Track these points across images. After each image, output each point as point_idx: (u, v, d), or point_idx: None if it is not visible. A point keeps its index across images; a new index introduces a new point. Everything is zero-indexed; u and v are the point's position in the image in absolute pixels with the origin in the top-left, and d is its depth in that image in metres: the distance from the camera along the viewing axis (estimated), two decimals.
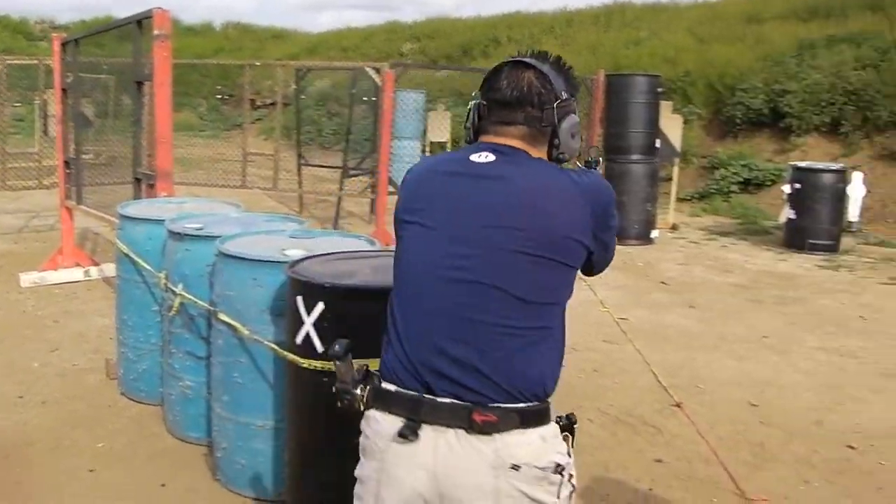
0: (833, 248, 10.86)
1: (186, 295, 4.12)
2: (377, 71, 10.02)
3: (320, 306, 3.10)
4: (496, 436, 1.92)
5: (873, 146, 14.97)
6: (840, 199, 10.96)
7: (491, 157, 2.06)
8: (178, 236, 4.22)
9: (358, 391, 2.04)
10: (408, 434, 1.94)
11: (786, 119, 15.98)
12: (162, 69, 5.44)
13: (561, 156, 2.13)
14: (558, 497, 1.96)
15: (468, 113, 2.21)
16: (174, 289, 4.20)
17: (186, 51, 28.70)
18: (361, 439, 2.08)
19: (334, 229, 10.97)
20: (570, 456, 2.03)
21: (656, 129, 11.34)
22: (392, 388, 2.01)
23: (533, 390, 1.98)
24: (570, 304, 2.13)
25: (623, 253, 10.43)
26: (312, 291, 3.12)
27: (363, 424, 2.07)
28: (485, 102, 2.17)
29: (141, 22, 5.94)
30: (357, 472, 2.10)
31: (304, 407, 3.31)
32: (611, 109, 11.36)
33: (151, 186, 5.76)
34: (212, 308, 3.87)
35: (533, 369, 1.99)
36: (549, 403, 2.03)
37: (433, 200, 2.08)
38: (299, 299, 3.16)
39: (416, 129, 16.24)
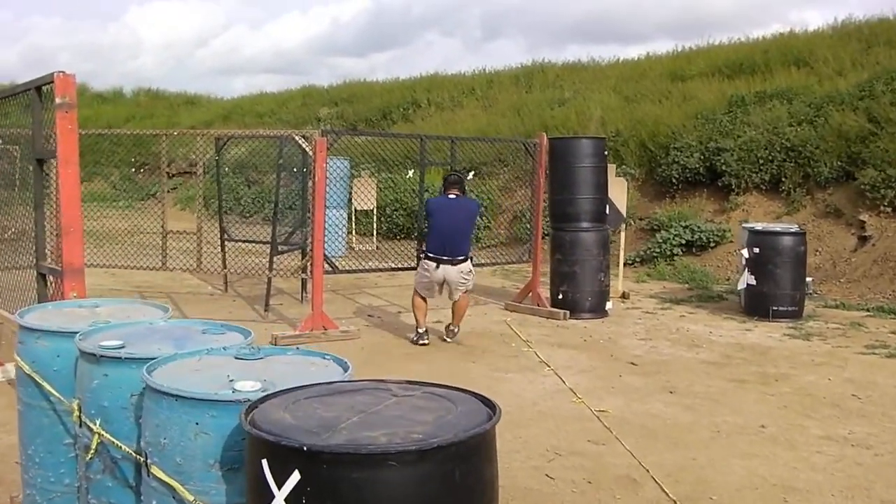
0: (797, 315, 10.29)
1: (106, 434, 3.18)
2: (306, 139, 9.16)
3: (295, 476, 2.21)
4: (461, 264, 8.58)
5: (816, 203, 14.61)
6: (801, 262, 10.41)
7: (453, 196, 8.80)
8: (92, 358, 3.28)
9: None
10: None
11: (723, 178, 15.58)
12: (67, 144, 4.51)
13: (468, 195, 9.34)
14: (472, 276, 8.81)
15: (443, 183, 9.36)
16: (90, 425, 3.25)
17: (97, 119, 27.62)
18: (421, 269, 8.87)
19: (266, 311, 10.01)
20: (472, 267, 8.84)
21: (605, 194, 10.68)
22: (430, 255, 8.61)
23: (467, 253, 8.67)
24: (540, 396, 5.66)
25: (580, 329, 9.70)
26: (284, 455, 2.23)
27: (423, 263, 8.82)
28: (445, 182, 9.06)
29: (41, 88, 5.01)
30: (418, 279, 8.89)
31: None
32: (556, 174, 10.65)
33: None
34: (141, 458, 2.94)
35: (468, 248, 8.74)
36: (470, 255, 8.86)
37: (441, 207, 8.76)
38: (265, 465, 2.27)
39: (342, 197, 15.45)
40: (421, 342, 8.76)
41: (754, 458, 5.58)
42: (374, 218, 18.43)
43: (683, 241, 14.83)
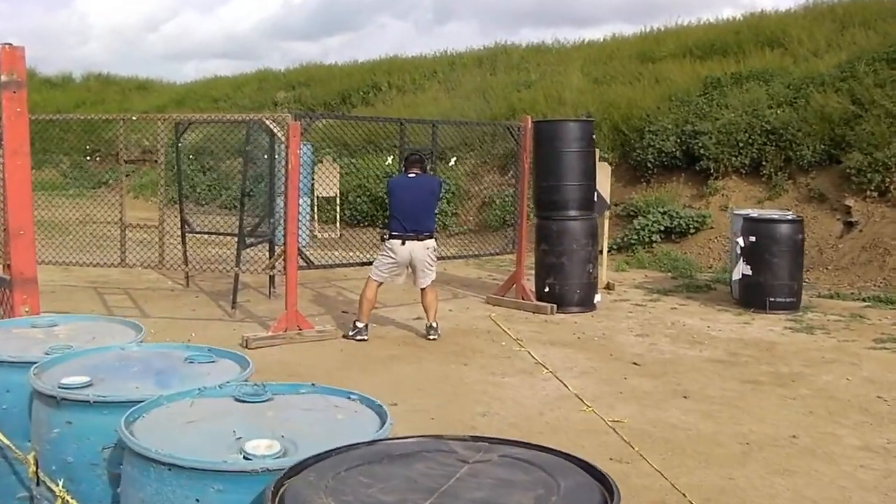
0: (794, 306, 9.77)
1: (71, 500, 2.50)
2: (277, 123, 8.45)
3: None
4: (427, 240, 8.16)
5: (798, 188, 14.15)
6: (799, 252, 9.89)
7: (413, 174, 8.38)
8: (51, 401, 2.61)
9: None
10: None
11: (701, 162, 15.04)
12: (15, 130, 3.76)
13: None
14: (435, 253, 8.40)
15: (403, 162, 8.90)
16: (51, 485, 2.58)
17: (45, 105, 26.51)
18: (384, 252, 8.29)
19: (233, 308, 9.28)
20: (435, 244, 8.41)
21: (593, 181, 10.07)
22: (394, 234, 8.11)
23: (432, 230, 8.29)
24: (545, 405, 6.06)
25: (570, 324, 9.11)
26: None
27: (386, 245, 8.24)
28: (406, 162, 8.68)
29: None
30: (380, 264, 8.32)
31: None
32: (541, 160, 10.01)
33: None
34: None
35: (432, 224, 8.35)
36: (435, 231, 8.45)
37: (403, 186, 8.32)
38: None
39: (306, 184, 14.65)
40: (359, 337, 8.21)
41: (795, 475, 5.01)
42: (338, 205, 17.69)
43: (662, 228, 14.32)
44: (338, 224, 17.49)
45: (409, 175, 8.38)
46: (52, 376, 2.74)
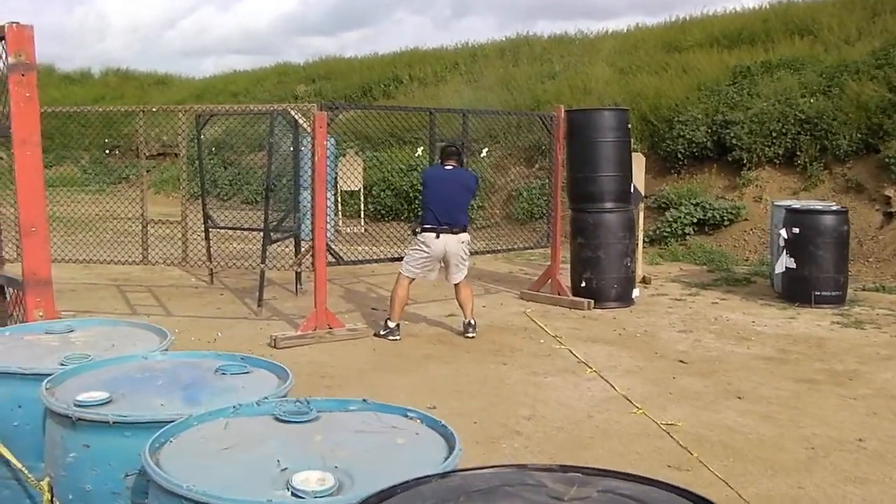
0: (840, 300, 9.38)
1: None
2: (303, 114, 8.12)
3: None
4: (461, 234, 7.85)
5: (835, 178, 13.72)
6: (845, 244, 9.48)
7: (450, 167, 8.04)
8: (66, 420, 2.29)
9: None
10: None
11: (733, 152, 14.62)
12: (24, 118, 3.42)
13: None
14: (468, 247, 8.11)
15: (440, 154, 8.43)
16: None
17: (64, 101, 26.32)
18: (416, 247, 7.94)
19: (259, 307, 8.97)
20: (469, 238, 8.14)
21: (629, 172, 9.70)
22: (428, 227, 7.77)
23: (466, 224, 8.01)
24: (592, 406, 5.80)
25: (609, 320, 8.76)
26: None
27: (419, 239, 7.90)
28: (442, 154, 8.30)
29: None
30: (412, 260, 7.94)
31: None
32: (575, 151, 9.64)
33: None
34: None
35: (466, 219, 8.05)
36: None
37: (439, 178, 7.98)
38: None
39: (329, 178, 14.34)
40: (392, 337, 7.86)
41: (867, 482, 4.65)
42: (362, 199, 17.38)
43: (695, 220, 13.93)
44: (362, 218, 17.18)
45: (446, 167, 8.08)
46: (67, 391, 2.42)
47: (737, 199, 14.32)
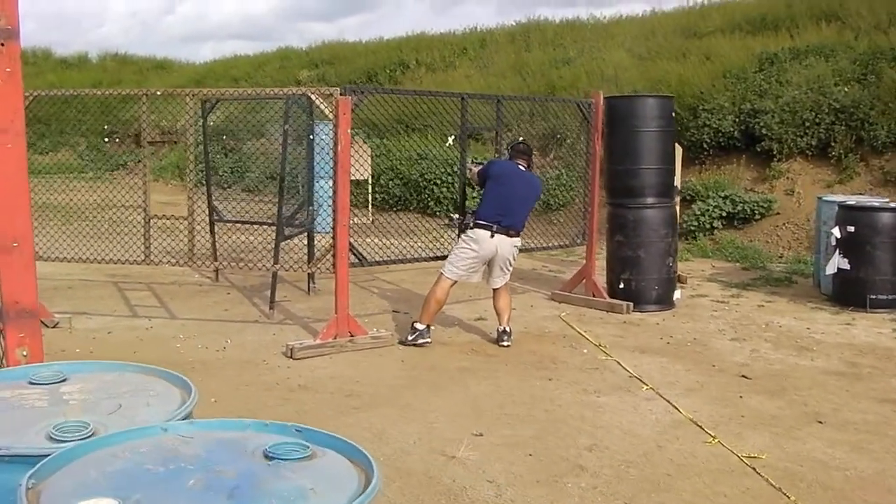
0: None
1: None
2: (325, 98, 7.39)
3: None
4: (514, 238, 7.25)
5: (871, 171, 13.05)
6: None
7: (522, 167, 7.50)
8: None
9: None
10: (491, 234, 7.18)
11: (763, 142, 13.93)
12: (4, 99, 2.65)
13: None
14: (517, 250, 7.43)
15: (508, 150, 7.89)
16: None
17: (61, 86, 25.54)
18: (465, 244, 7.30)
19: (270, 309, 8.26)
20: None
21: (673, 165, 9.00)
22: (483, 223, 7.16)
23: (521, 229, 7.35)
24: (659, 435, 5.15)
25: (652, 326, 8.08)
26: None
27: (469, 235, 7.27)
28: (512, 150, 7.68)
29: None
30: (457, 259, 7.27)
31: None
32: (614, 141, 8.92)
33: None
34: None
35: (523, 225, 7.41)
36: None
37: (510, 174, 7.41)
38: None
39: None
40: (422, 340, 7.18)
41: None
42: (370, 188, 16.65)
43: (724, 214, 13.27)
44: (369, 209, 16.46)
45: (519, 165, 7.48)
46: (59, 493, 1.70)
47: (767, 191, 13.64)
